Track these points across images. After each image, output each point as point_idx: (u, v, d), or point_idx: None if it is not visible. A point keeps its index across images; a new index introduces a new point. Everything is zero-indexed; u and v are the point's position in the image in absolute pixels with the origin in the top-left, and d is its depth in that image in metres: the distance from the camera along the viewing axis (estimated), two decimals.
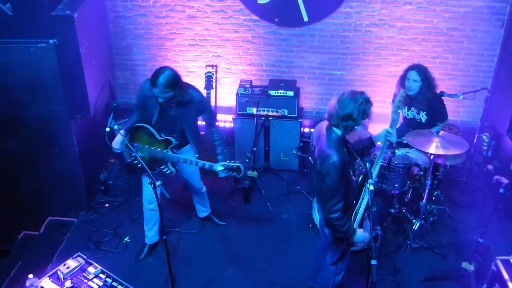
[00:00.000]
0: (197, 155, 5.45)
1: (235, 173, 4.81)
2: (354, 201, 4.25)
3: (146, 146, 5.03)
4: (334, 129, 4.07)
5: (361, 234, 4.24)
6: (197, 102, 5.03)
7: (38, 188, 6.00)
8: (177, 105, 4.89)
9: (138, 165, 4.98)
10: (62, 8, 5.30)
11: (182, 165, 5.26)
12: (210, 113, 5.37)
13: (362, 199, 4.23)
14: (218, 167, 4.81)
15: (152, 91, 4.71)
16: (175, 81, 4.73)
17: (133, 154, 4.87)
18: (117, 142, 5.04)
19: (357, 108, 3.95)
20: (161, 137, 4.99)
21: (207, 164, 4.90)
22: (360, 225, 4.32)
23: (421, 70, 5.78)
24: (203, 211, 6.06)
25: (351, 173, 4.22)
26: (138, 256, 5.60)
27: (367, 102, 4.02)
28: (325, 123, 4.20)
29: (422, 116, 5.94)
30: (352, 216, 4.23)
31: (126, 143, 4.79)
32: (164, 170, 5.08)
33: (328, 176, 3.97)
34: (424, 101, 5.83)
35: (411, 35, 6.87)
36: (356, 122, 4.01)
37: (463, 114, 7.27)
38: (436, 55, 6.92)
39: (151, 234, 5.60)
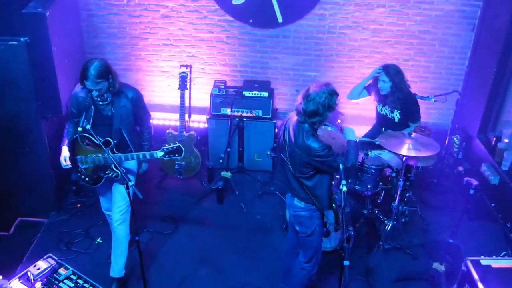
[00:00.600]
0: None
1: (177, 154, 4.67)
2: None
3: (88, 156, 4.82)
4: (303, 124, 4.13)
5: (350, 131, 4.46)
6: (133, 100, 4.86)
7: (7, 188, 5.90)
8: (112, 103, 4.74)
9: (87, 179, 4.94)
10: (34, 5, 5.23)
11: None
12: (146, 112, 5.17)
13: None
14: (159, 153, 4.67)
15: (85, 86, 4.55)
16: (106, 70, 4.56)
17: (80, 168, 4.87)
18: (65, 158, 4.85)
19: (322, 103, 3.98)
20: (99, 140, 4.69)
21: (148, 153, 4.77)
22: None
23: (388, 72, 5.82)
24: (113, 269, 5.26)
25: (342, 166, 4.29)
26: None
27: (332, 95, 4.03)
28: (294, 117, 4.26)
29: (396, 115, 5.99)
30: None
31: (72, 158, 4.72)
32: (110, 174, 4.81)
33: (325, 160, 4.09)
34: (396, 101, 5.88)
35: (384, 38, 6.93)
36: (323, 117, 4.07)
37: (434, 116, 7.35)
38: (408, 57, 7.00)
39: None
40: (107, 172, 4.83)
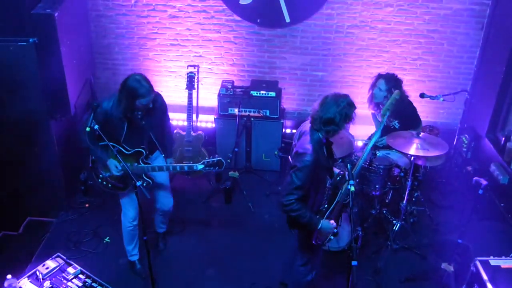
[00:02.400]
0: (170, 158, 5.32)
1: (217, 167, 4.71)
2: (326, 205, 4.25)
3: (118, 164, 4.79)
4: (317, 132, 4.06)
5: (327, 222, 4.18)
6: (162, 106, 4.91)
7: (17, 188, 5.93)
8: (145, 112, 4.71)
9: (109, 185, 4.96)
10: (43, 6, 5.25)
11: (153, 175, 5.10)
12: (167, 112, 5.20)
13: (337, 201, 4.24)
14: (199, 166, 4.71)
15: (145, 101, 4.50)
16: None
17: (103, 176, 4.90)
18: (116, 164, 4.78)
19: (339, 112, 3.91)
20: (129, 150, 4.79)
21: (186, 166, 4.81)
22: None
23: (389, 81, 5.67)
24: (161, 227, 5.77)
25: (327, 176, 4.22)
26: (142, 274, 5.36)
27: (350, 105, 3.96)
28: (308, 124, 4.18)
29: (395, 124, 5.93)
30: (326, 214, 4.25)
31: (127, 170, 4.46)
32: (140, 183, 4.42)
33: (296, 172, 3.97)
34: (394, 110, 5.74)
35: (392, 37, 6.91)
36: (339, 127, 3.98)
37: (443, 115, 7.33)
38: (416, 57, 6.97)
39: (137, 250, 5.41)
40: (138, 181, 4.46)
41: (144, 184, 4.79)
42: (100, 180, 5.00)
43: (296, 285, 4.85)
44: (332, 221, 4.21)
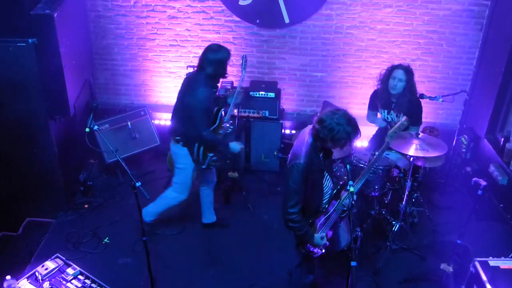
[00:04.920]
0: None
1: None
2: (323, 208, 4.25)
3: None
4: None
5: (318, 239, 4.21)
6: None
7: (16, 188, 5.92)
8: None
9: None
10: (42, 7, 5.25)
11: None
12: None
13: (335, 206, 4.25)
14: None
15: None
16: None
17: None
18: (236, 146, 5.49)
19: (333, 136, 3.88)
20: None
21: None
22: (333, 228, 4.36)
23: (408, 71, 5.72)
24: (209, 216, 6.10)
25: (324, 180, 4.20)
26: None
27: (348, 133, 3.89)
28: (310, 127, 4.17)
29: (402, 118, 5.93)
30: (324, 221, 4.26)
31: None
32: (139, 184, 4.42)
33: (290, 176, 3.99)
34: (405, 104, 5.81)
35: (391, 38, 6.92)
36: (331, 145, 3.98)
37: (442, 116, 7.33)
38: (415, 57, 6.98)
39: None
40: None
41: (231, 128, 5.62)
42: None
43: (295, 285, 4.85)
44: (324, 238, 4.24)
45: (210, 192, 5.90)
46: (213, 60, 5.04)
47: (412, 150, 5.20)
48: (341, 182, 4.27)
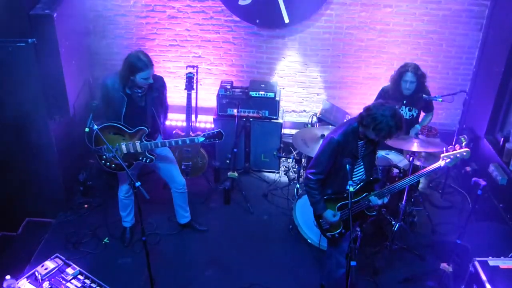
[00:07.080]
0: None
1: (217, 139, 4.98)
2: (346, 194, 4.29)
3: (122, 143, 5.03)
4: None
5: (330, 214, 4.36)
6: (163, 87, 5.22)
7: (15, 188, 5.92)
8: (145, 93, 5.00)
9: (113, 165, 5.09)
10: (41, 7, 5.25)
11: (159, 163, 5.36)
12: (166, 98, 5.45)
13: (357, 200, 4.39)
14: (200, 138, 4.98)
15: (145, 74, 4.78)
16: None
17: (106, 156, 5.02)
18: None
19: (377, 124, 4.00)
20: (131, 130, 4.99)
21: (188, 139, 5.04)
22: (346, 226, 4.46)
23: (417, 71, 5.74)
24: (184, 216, 5.97)
25: (355, 166, 4.33)
26: (125, 242, 5.78)
27: (390, 127, 4.01)
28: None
29: (414, 112, 5.99)
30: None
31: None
32: (144, 160, 5.11)
33: (322, 146, 4.21)
34: (418, 99, 5.86)
35: (391, 38, 6.92)
36: (370, 135, 4.11)
37: (442, 116, 7.33)
38: (415, 57, 6.97)
39: (129, 218, 5.81)
40: (140, 158, 5.11)
41: (148, 161, 5.13)
42: (103, 162, 5.11)
43: (329, 281, 4.92)
44: (336, 216, 4.38)
45: (177, 194, 5.81)
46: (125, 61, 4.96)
47: (415, 147, 5.25)
48: (373, 177, 4.36)
